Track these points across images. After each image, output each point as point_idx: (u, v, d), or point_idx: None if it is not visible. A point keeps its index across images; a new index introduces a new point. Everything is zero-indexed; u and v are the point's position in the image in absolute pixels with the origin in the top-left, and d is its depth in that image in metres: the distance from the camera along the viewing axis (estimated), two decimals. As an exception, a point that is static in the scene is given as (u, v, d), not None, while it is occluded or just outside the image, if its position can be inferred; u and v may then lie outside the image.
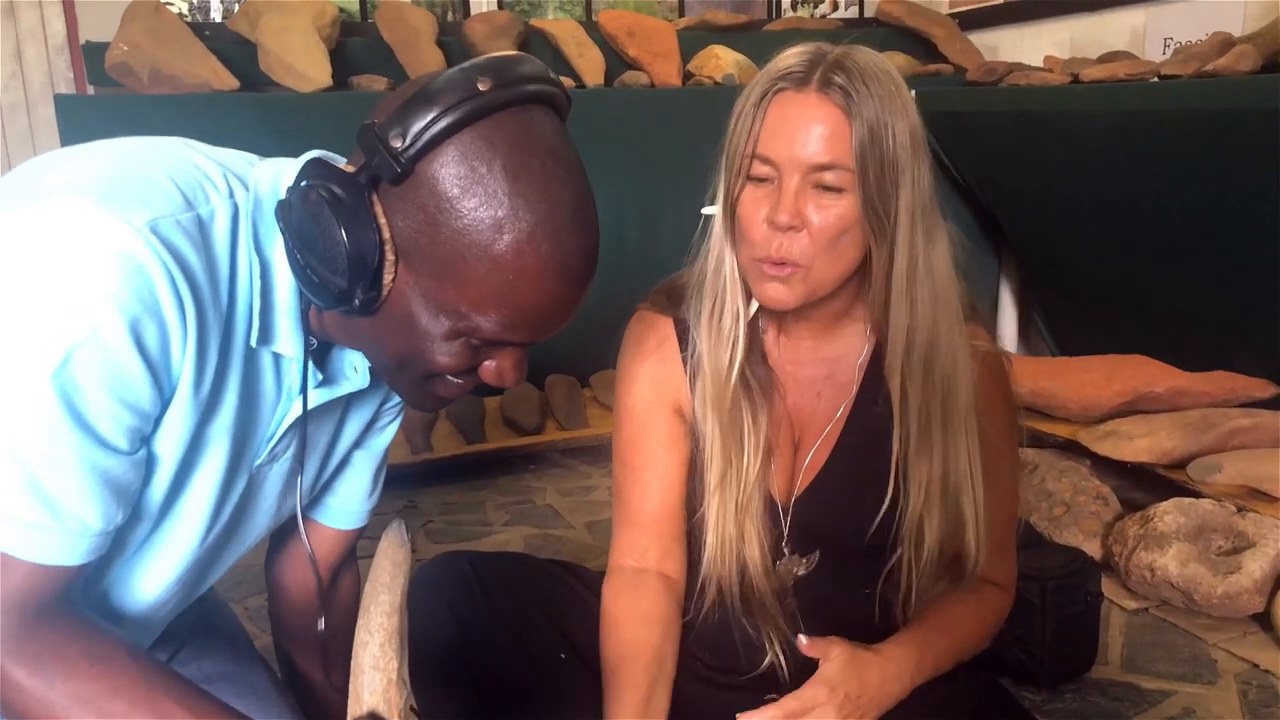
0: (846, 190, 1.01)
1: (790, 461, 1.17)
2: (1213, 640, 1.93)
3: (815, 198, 1.01)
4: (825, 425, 1.16)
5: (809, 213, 1.01)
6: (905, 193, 1.01)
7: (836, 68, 1.00)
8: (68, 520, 0.76)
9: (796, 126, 1.01)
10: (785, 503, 1.17)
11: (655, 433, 1.18)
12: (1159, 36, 3.03)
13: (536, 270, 0.79)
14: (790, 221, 1.01)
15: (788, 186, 1.01)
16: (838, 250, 1.03)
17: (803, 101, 1.01)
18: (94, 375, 0.74)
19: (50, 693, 0.76)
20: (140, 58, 2.75)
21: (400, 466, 2.64)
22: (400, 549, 0.79)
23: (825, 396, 1.16)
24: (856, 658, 1.05)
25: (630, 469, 1.20)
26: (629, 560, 1.18)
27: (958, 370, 1.09)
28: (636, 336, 1.20)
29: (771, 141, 1.02)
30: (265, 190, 0.87)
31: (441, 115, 0.76)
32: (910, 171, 1.01)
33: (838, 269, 1.05)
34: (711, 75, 3.29)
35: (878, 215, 1.02)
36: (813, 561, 1.18)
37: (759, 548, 1.13)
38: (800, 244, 1.02)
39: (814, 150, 1.00)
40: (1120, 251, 2.86)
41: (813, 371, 1.16)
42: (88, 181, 0.78)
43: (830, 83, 1.00)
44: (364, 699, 0.77)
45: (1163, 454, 2.39)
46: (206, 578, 1.02)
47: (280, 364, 0.91)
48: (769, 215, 1.02)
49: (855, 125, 0.99)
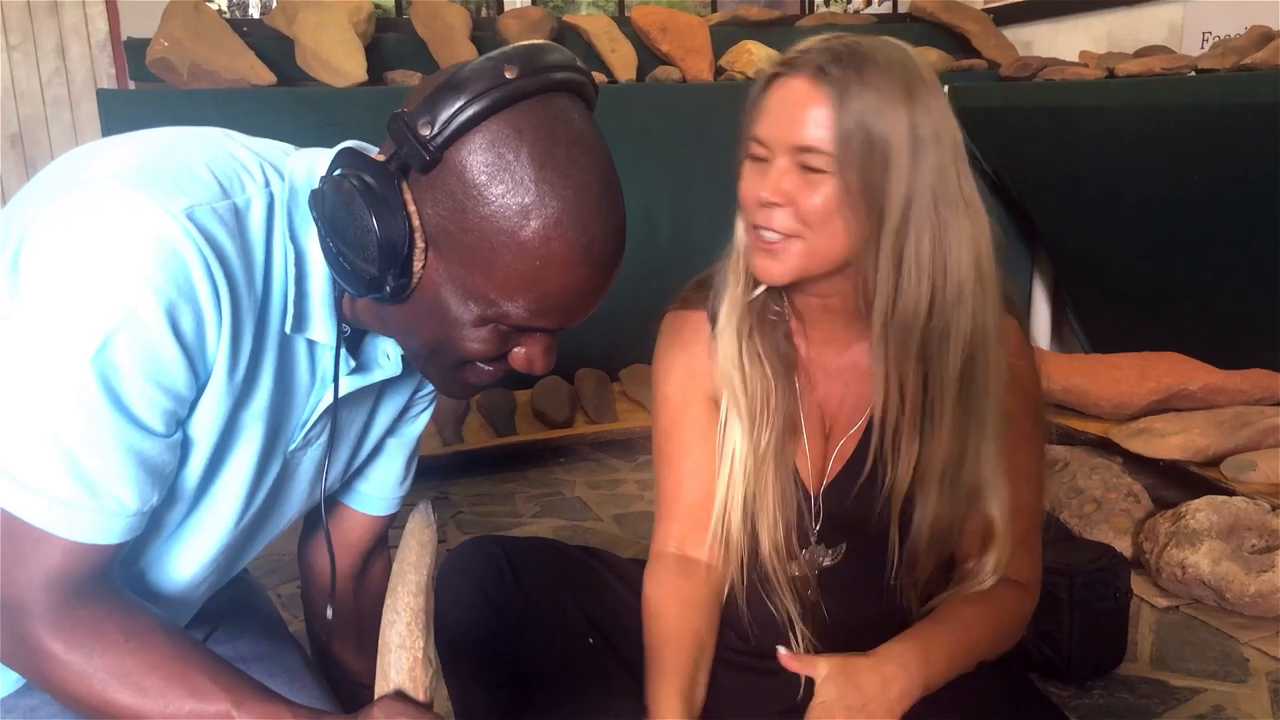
0: (830, 173, 1.02)
1: (822, 450, 1.18)
2: (1244, 639, 1.91)
3: (801, 177, 1.03)
4: (854, 416, 1.17)
5: (792, 191, 1.04)
6: (896, 185, 1.02)
7: (835, 57, 1.02)
8: (105, 500, 0.78)
9: (785, 109, 1.04)
10: (816, 492, 1.18)
11: (691, 422, 1.19)
12: (1197, 30, 2.99)
13: (563, 255, 0.80)
14: (771, 198, 1.04)
15: (775, 165, 1.04)
16: (828, 231, 1.04)
17: (793, 85, 1.03)
18: (131, 358, 0.76)
19: (88, 666, 0.78)
20: (180, 54, 2.79)
21: (431, 458, 2.67)
22: (427, 529, 0.81)
23: (853, 388, 1.17)
24: (848, 667, 1.04)
25: (667, 459, 1.21)
26: (669, 547, 1.20)
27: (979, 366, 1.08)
28: (672, 330, 1.22)
29: (765, 123, 1.05)
30: (300, 180, 0.88)
31: (469, 103, 0.77)
32: (907, 165, 1.02)
33: (830, 249, 1.05)
34: (743, 71, 3.29)
35: (864, 203, 1.02)
36: (839, 553, 1.19)
37: (769, 520, 1.13)
38: (782, 217, 1.04)
39: (797, 131, 1.02)
40: (1155, 248, 2.83)
41: (839, 362, 1.17)
42: (127, 169, 0.80)
43: (823, 69, 1.02)
44: (391, 677, 0.79)
45: (1196, 452, 2.37)
46: (241, 559, 1.04)
47: (314, 351, 0.93)
48: (758, 191, 1.05)
49: (840, 112, 1.00)
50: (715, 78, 3.34)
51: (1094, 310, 3.30)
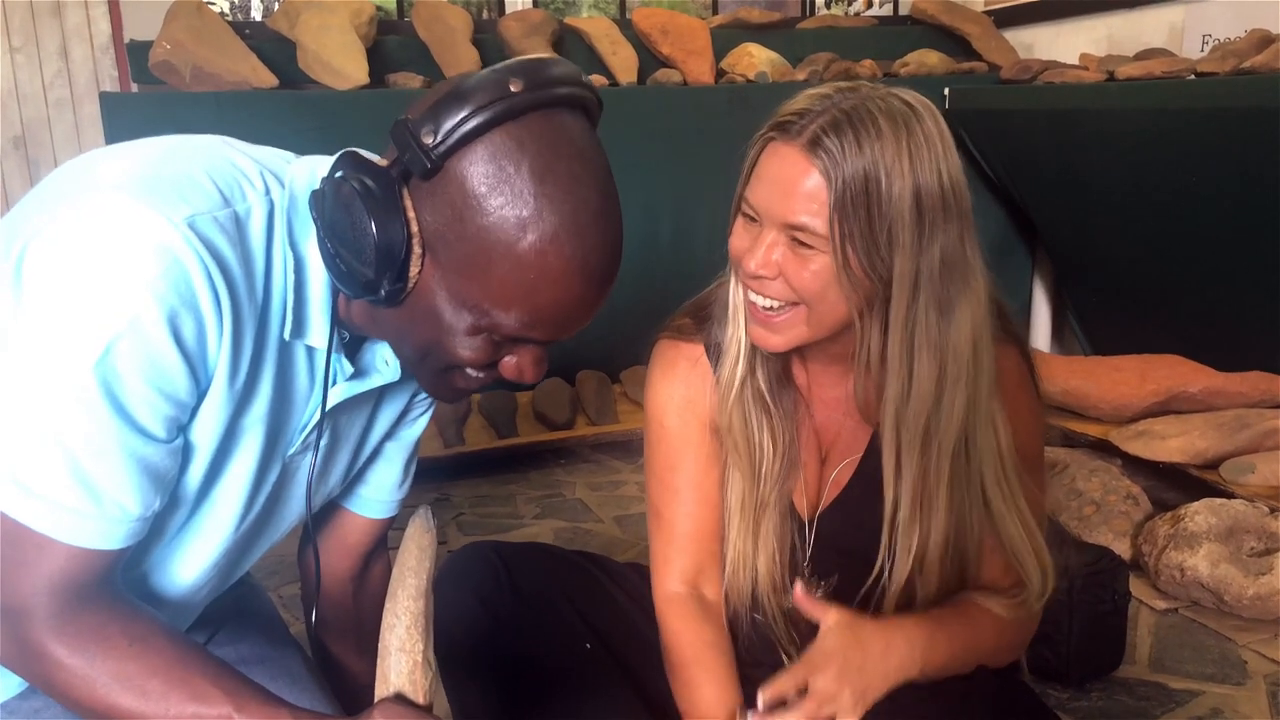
0: (821, 250, 0.98)
1: (817, 477, 1.18)
2: (1242, 641, 1.91)
3: (792, 250, 1.00)
4: (850, 442, 1.16)
5: (781, 263, 1.00)
6: (902, 259, 0.97)
7: (831, 124, 0.96)
8: (108, 506, 0.79)
9: (775, 180, 0.99)
10: (810, 517, 1.17)
11: (694, 452, 1.17)
12: (1197, 33, 2.99)
13: (558, 270, 0.81)
14: (758, 271, 1.01)
15: (764, 237, 1.01)
16: (825, 304, 1.01)
17: (786, 154, 0.98)
18: (133, 365, 0.77)
19: (90, 670, 0.79)
20: (182, 56, 2.80)
21: (432, 459, 2.67)
22: (426, 534, 0.82)
23: (851, 414, 1.16)
24: (855, 624, 1.03)
25: (671, 490, 1.19)
26: (679, 586, 1.17)
27: (978, 447, 1.06)
28: (667, 360, 1.19)
29: (756, 189, 1.01)
30: (301, 187, 0.89)
31: (473, 114, 0.78)
32: (912, 235, 0.96)
33: (828, 321, 1.03)
34: (744, 73, 3.30)
35: (862, 280, 0.98)
36: (831, 585, 1.17)
37: (767, 561, 1.13)
38: (775, 287, 1.02)
39: (787, 208, 0.98)
40: (1155, 250, 2.83)
41: (837, 392, 1.16)
42: (130, 178, 0.80)
43: (817, 140, 0.96)
44: (390, 680, 0.80)
45: (1195, 454, 2.37)
46: (242, 563, 1.05)
47: (314, 357, 0.94)
48: (747, 259, 1.02)
49: (834, 188, 0.95)
50: (716, 80, 3.34)
51: (1094, 311, 3.30)
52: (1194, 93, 2.50)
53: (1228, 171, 2.45)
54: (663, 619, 1.17)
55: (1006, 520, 1.09)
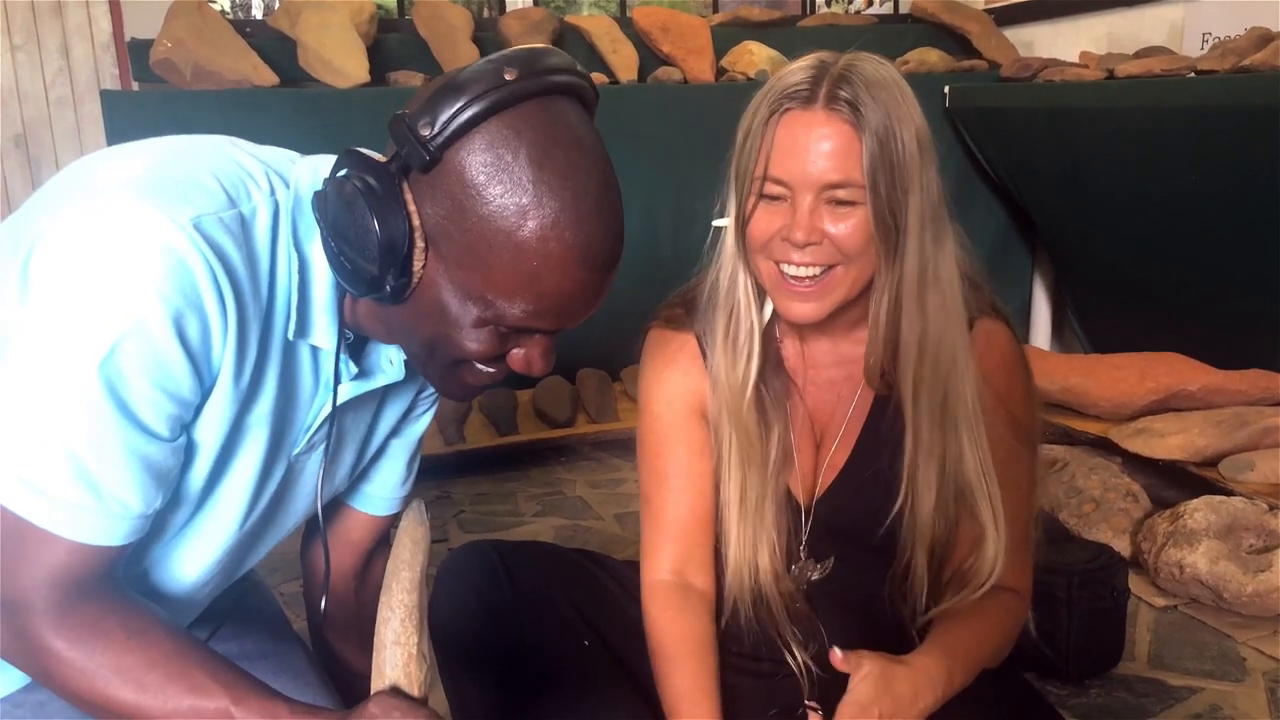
0: (860, 204, 1.01)
1: (812, 462, 1.18)
2: (1241, 638, 1.92)
3: (830, 212, 1.03)
4: (844, 422, 1.17)
5: (826, 228, 1.03)
6: (915, 200, 1.02)
7: (842, 81, 1.00)
8: (110, 503, 0.79)
9: (806, 146, 1.01)
10: (807, 503, 1.17)
11: (685, 440, 1.18)
12: (1197, 31, 2.99)
13: (560, 256, 0.81)
14: (807, 239, 1.02)
15: (802, 205, 1.02)
16: (865, 259, 1.04)
17: (810, 119, 1.01)
18: (138, 365, 0.77)
19: (89, 663, 0.79)
20: (183, 54, 2.80)
21: (434, 457, 2.68)
22: (419, 527, 0.82)
23: (844, 396, 1.17)
24: (887, 671, 1.03)
25: (660, 477, 1.19)
26: (664, 575, 1.18)
27: (958, 372, 1.09)
28: (659, 349, 1.20)
29: (783, 162, 1.03)
30: (305, 187, 0.89)
31: (469, 104, 0.78)
32: (919, 178, 1.02)
33: (863, 277, 1.06)
34: (745, 71, 3.30)
35: (889, 225, 1.02)
36: (828, 567, 1.18)
37: (769, 554, 1.13)
38: (820, 254, 1.03)
39: (825, 168, 1.01)
40: (1155, 248, 2.84)
41: (831, 373, 1.17)
42: (135, 179, 0.81)
43: (836, 97, 1.00)
44: (386, 673, 0.80)
45: (1195, 452, 2.37)
46: (245, 561, 1.05)
47: (318, 357, 0.94)
48: (786, 233, 1.04)
49: (865, 139, 0.99)
50: (717, 78, 3.34)
51: (1094, 310, 3.30)
52: (1194, 91, 2.51)
53: (1227, 170, 2.45)
54: (646, 607, 1.17)
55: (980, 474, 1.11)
